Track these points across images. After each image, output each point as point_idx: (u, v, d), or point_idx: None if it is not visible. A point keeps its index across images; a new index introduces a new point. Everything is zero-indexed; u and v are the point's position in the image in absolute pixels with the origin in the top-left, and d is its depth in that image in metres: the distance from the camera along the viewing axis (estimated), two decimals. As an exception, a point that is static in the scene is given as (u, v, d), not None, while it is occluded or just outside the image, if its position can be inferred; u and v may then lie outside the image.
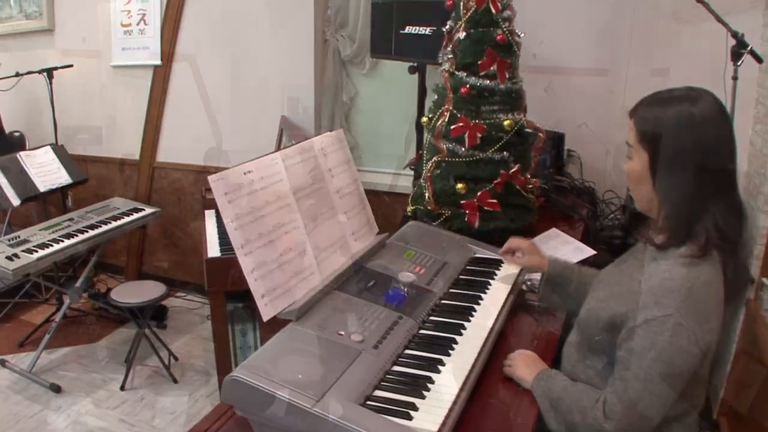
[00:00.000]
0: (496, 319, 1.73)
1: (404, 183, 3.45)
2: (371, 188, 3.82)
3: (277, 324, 1.53)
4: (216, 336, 2.92)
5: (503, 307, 1.80)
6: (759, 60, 2.52)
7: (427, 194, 2.28)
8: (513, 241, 1.96)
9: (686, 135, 1.34)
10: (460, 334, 1.62)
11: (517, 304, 1.93)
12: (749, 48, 2.48)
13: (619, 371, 1.38)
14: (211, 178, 1.49)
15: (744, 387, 2.65)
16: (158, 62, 4.17)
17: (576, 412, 1.41)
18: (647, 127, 1.39)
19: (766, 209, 2.63)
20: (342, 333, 1.49)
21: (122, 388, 3.34)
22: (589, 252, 2.28)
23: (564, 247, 2.36)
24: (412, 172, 2.98)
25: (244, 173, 1.57)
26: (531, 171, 2.37)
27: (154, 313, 3.90)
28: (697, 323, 1.32)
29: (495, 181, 2.22)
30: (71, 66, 4.18)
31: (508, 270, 1.97)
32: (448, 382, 1.42)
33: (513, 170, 2.23)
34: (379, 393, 1.36)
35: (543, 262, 1.87)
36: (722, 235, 1.36)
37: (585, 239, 2.62)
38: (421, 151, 2.46)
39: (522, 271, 1.97)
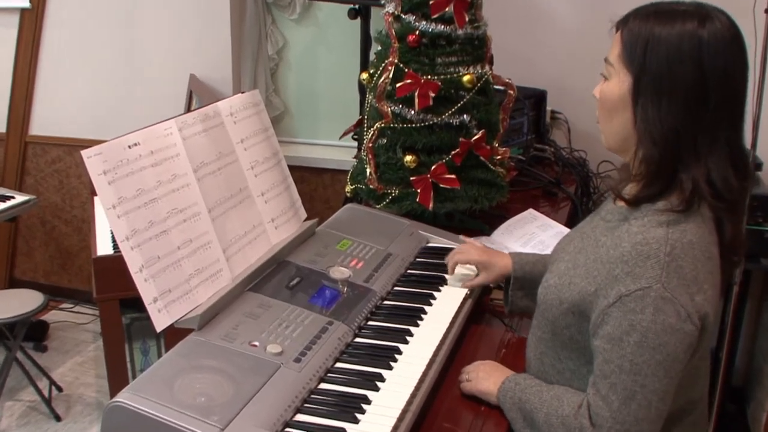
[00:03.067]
0: (452, 323, 1.77)
1: (349, 157, 3.47)
2: (308, 165, 3.86)
3: (184, 337, 1.55)
4: (109, 356, 2.91)
5: (461, 307, 1.85)
6: None
7: (368, 170, 2.31)
8: (457, 257, 1.94)
9: (688, 61, 1.33)
10: (406, 342, 1.66)
11: (480, 303, 1.98)
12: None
13: (599, 365, 1.38)
14: (84, 153, 1.50)
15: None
16: (26, 4, 4.09)
17: (556, 425, 1.43)
18: (637, 44, 1.38)
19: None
20: (256, 344, 1.51)
21: (-12, 429, 3.31)
22: (570, 232, 2.35)
23: (543, 233, 2.42)
24: (356, 144, 3.02)
25: (129, 146, 1.58)
26: (499, 138, 2.41)
27: (30, 332, 3.84)
28: (686, 293, 1.32)
29: (453, 152, 2.25)
30: None
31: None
32: (389, 402, 1.45)
33: (476, 137, 2.27)
34: (301, 417, 1.39)
35: (506, 263, 1.85)
36: (714, 190, 1.36)
37: (572, 222, 2.68)
38: (362, 116, 2.48)
39: None
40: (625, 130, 1.43)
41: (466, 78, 2.25)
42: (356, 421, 1.39)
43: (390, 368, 1.56)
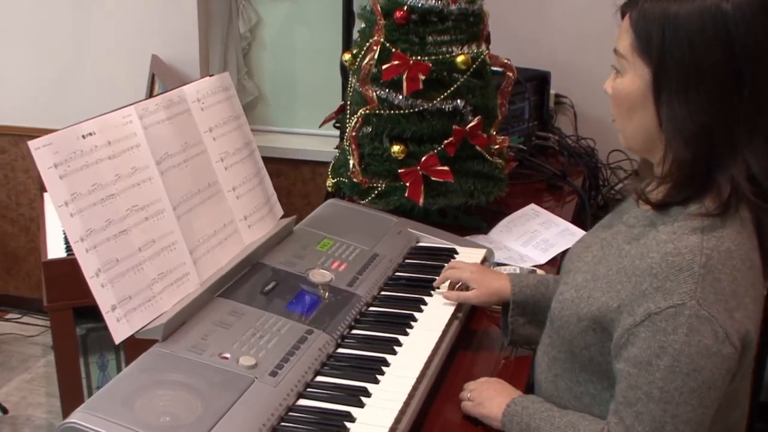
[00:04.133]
0: (445, 332, 1.78)
1: (331, 148, 3.48)
2: (285, 156, 3.86)
3: (146, 349, 1.55)
4: (61, 372, 2.90)
5: (455, 314, 1.86)
6: None
7: (352, 161, 2.32)
8: (448, 273, 1.92)
9: (714, 43, 1.30)
10: (394, 353, 1.67)
11: (476, 310, 1.99)
12: None
13: (623, 391, 1.35)
14: (32, 143, 1.49)
15: None
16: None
17: None
18: (651, 29, 1.35)
19: None
20: (227, 356, 1.52)
21: (-75, 455, 3.30)
22: (582, 235, 2.35)
23: (546, 231, 2.43)
24: (338, 132, 3.02)
25: (83, 136, 1.58)
26: (497, 125, 2.42)
27: (-27, 345, 3.85)
28: (724, 310, 1.29)
29: (446, 141, 2.26)
30: None
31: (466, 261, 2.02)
32: (376, 420, 1.45)
33: (471, 125, 2.28)
34: (277, 437, 1.40)
35: (502, 284, 1.81)
36: (757, 187, 1.33)
37: (578, 219, 2.69)
38: (344, 102, 2.49)
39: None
40: (648, 129, 1.41)
41: (460, 59, 2.26)
42: (339, 441, 1.40)
43: (376, 382, 1.57)
